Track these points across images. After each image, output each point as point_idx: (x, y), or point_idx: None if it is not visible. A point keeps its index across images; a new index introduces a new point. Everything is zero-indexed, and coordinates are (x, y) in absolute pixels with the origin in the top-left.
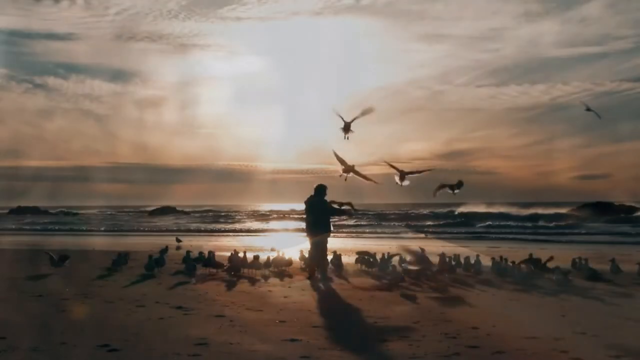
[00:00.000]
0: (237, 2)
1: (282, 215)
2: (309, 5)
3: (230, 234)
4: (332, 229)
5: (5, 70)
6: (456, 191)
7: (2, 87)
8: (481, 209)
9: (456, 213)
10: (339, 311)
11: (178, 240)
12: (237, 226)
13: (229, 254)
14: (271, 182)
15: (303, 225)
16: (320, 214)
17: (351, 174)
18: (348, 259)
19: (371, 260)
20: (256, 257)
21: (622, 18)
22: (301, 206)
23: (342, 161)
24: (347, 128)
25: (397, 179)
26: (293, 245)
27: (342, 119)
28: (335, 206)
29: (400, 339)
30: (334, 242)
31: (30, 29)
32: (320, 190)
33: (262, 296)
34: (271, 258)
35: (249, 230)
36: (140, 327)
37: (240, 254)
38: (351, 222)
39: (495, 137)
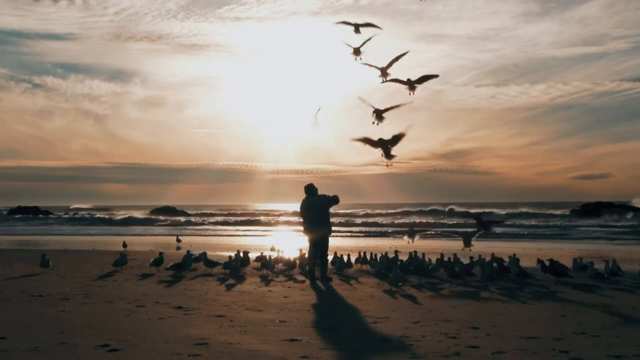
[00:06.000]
0: (236, 2)
1: (282, 216)
2: (308, 5)
3: (230, 234)
4: (331, 227)
5: (5, 70)
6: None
7: (2, 87)
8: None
9: (446, 210)
10: (339, 311)
11: (178, 240)
12: (237, 226)
13: (229, 253)
14: (271, 182)
15: (302, 225)
16: (320, 213)
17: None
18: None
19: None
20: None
21: (621, 18)
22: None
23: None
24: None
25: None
26: (293, 244)
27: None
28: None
29: (400, 339)
30: (333, 242)
31: (29, 29)
32: (313, 189)
33: (262, 296)
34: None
35: (248, 230)
36: (140, 327)
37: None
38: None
39: (495, 137)
